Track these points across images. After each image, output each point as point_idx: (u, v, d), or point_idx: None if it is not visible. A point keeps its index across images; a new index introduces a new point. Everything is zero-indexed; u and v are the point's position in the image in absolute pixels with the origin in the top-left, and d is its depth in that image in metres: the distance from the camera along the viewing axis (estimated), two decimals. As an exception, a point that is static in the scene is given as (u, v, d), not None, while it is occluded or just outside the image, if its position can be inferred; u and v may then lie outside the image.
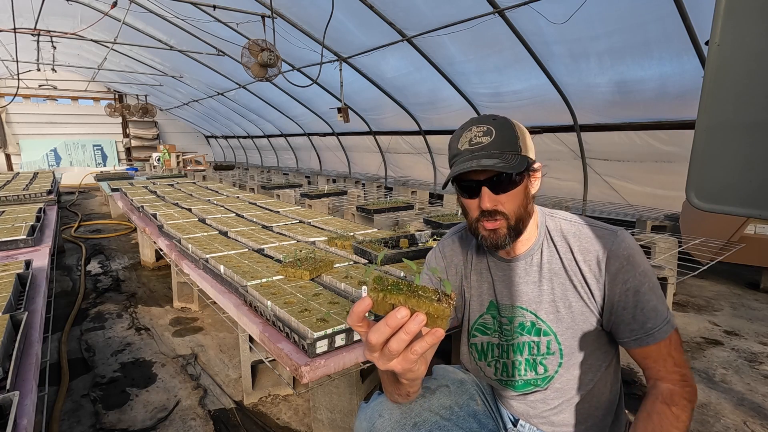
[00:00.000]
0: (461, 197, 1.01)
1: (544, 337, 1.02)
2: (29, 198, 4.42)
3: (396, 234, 2.58)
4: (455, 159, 0.98)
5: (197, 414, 1.97)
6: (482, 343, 1.12)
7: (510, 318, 1.06)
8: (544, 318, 1.02)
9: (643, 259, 0.97)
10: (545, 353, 1.03)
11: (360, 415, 1.05)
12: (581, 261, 0.99)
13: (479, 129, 0.96)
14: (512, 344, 1.06)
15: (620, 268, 0.95)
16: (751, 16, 0.49)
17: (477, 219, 0.98)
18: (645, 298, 0.94)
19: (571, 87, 4.76)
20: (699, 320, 2.92)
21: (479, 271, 1.11)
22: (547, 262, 1.02)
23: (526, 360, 1.05)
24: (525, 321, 1.04)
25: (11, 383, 1.17)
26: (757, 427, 1.84)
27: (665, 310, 0.96)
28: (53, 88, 13.14)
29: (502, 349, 1.08)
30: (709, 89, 0.53)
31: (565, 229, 1.03)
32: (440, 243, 1.19)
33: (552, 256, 1.02)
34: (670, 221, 3.98)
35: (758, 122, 0.49)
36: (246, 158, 14.81)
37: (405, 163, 8.14)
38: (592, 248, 0.98)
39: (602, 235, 0.99)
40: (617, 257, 0.96)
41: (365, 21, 5.27)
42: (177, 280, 3.12)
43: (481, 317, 1.11)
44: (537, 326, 1.03)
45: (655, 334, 0.94)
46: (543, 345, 1.02)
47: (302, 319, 1.44)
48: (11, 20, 5.31)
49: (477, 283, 1.11)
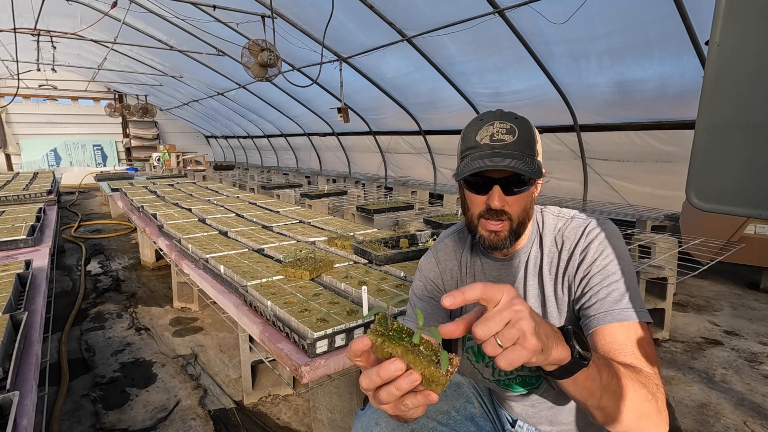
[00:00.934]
0: (467, 191, 0.97)
1: None
2: (29, 198, 4.42)
3: (396, 234, 2.58)
4: (471, 152, 0.94)
5: (197, 414, 1.97)
6: (478, 345, 1.11)
7: None
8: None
9: (618, 245, 0.95)
10: None
11: (356, 423, 1.02)
12: (564, 255, 0.99)
13: (502, 126, 0.93)
14: None
15: (592, 249, 0.95)
16: (751, 16, 0.49)
17: (479, 216, 0.96)
18: (613, 278, 0.91)
19: (571, 87, 4.76)
20: (699, 320, 2.92)
21: (473, 273, 1.10)
22: (534, 259, 1.02)
23: None
24: None
25: (11, 383, 1.17)
26: (757, 427, 1.84)
27: (635, 298, 0.90)
28: (53, 88, 13.13)
29: None
30: (709, 89, 0.53)
31: (553, 225, 1.03)
32: (433, 248, 1.17)
33: (539, 254, 1.02)
34: (670, 221, 3.98)
35: (758, 122, 0.49)
36: (246, 158, 14.81)
37: (405, 163, 8.14)
38: (573, 238, 0.98)
39: (583, 225, 0.99)
40: (591, 241, 0.96)
41: (365, 21, 5.27)
42: (177, 280, 3.12)
43: None
44: None
45: (614, 313, 0.88)
46: None
47: (302, 319, 1.44)
48: (11, 20, 5.30)
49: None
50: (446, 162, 7.16)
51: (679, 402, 2.02)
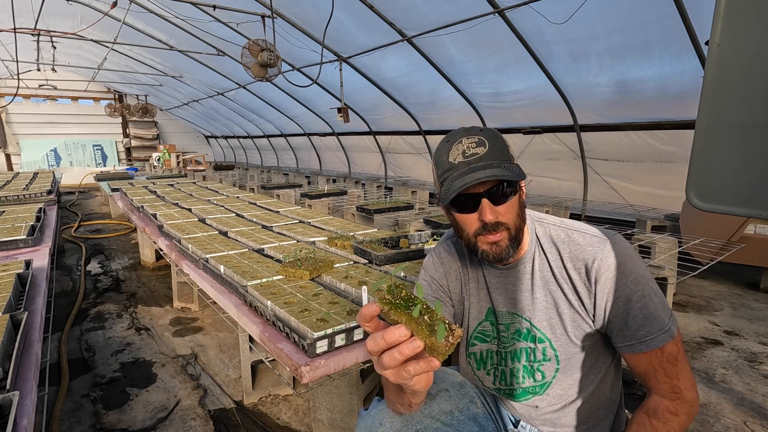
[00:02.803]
0: (456, 213, 0.96)
1: (539, 344, 1.02)
2: (29, 198, 4.42)
3: (396, 234, 2.58)
4: (449, 173, 0.93)
5: (197, 414, 1.97)
6: (481, 351, 1.11)
7: (507, 325, 1.06)
8: (538, 325, 1.01)
9: (635, 265, 0.94)
10: (542, 359, 1.02)
11: (360, 424, 1.03)
12: (571, 269, 0.98)
13: (470, 140, 0.93)
14: (510, 351, 1.06)
15: (609, 278, 0.94)
16: (751, 16, 0.49)
17: (475, 234, 0.95)
18: (637, 306, 0.92)
19: (571, 87, 4.76)
20: (699, 320, 2.92)
21: (476, 279, 1.10)
22: (539, 270, 1.02)
23: (524, 367, 1.05)
24: (521, 328, 1.04)
25: (11, 383, 1.17)
26: (757, 427, 1.84)
27: (664, 317, 0.92)
28: (53, 88, 13.14)
29: (500, 356, 1.08)
30: (709, 89, 0.53)
31: (554, 235, 1.02)
32: (435, 249, 1.17)
33: (543, 264, 1.01)
34: (670, 221, 3.98)
35: (758, 122, 0.49)
36: (246, 158, 14.81)
37: (405, 163, 8.14)
38: (582, 256, 0.97)
39: (592, 242, 0.97)
40: (607, 268, 0.94)
41: (365, 21, 5.27)
42: (177, 280, 3.12)
43: (480, 324, 1.10)
44: (532, 333, 1.02)
45: (647, 342, 0.91)
46: (539, 351, 1.02)
47: (302, 319, 1.44)
48: (11, 20, 5.30)
49: (475, 290, 1.11)
50: (446, 162, 7.16)
51: (679, 402, 2.02)
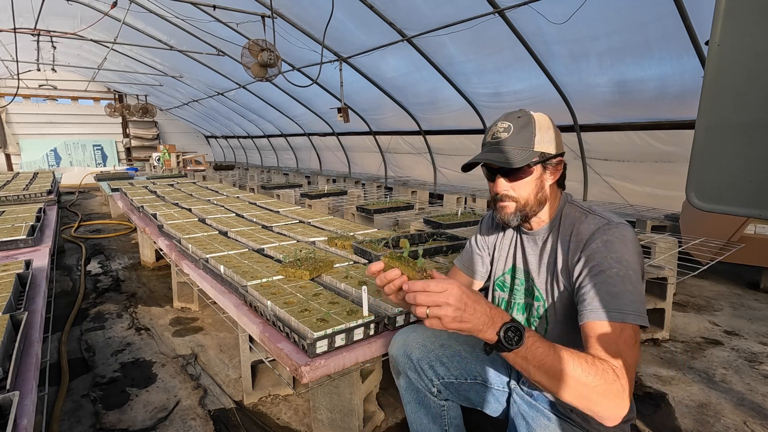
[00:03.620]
0: (488, 181, 1.20)
1: (536, 302, 1.19)
2: (29, 198, 4.42)
3: (396, 234, 2.58)
4: (482, 148, 1.16)
5: (197, 414, 1.97)
6: (500, 298, 1.34)
7: (521, 281, 1.25)
8: (539, 286, 1.18)
9: (625, 249, 0.99)
10: (536, 316, 1.20)
11: (396, 336, 1.38)
12: (573, 242, 1.09)
13: (503, 125, 1.12)
14: (517, 303, 1.26)
15: (596, 249, 1.02)
16: (751, 16, 0.49)
17: (493, 198, 1.18)
18: (609, 281, 0.96)
19: (571, 87, 4.76)
20: (699, 320, 2.92)
21: (511, 238, 1.30)
22: (551, 240, 1.16)
23: (525, 321, 1.24)
24: (528, 285, 1.22)
25: (11, 383, 1.17)
26: (757, 427, 1.84)
27: (630, 302, 0.92)
28: (53, 88, 13.14)
29: (509, 306, 1.29)
30: (709, 89, 0.53)
31: (574, 216, 1.14)
32: (481, 221, 1.43)
33: (555, 236, 1.15)
34: (670, 221, 3.98)
35: (758, 122, 0.49)
36: (246, 158, 14.81)
37: (405, 163, 8.14)
38: (585, 231, 1.08)
39: (598, 222, 1.08)
40: (597, 240, 1.03)
41: (365, 21, 5.27)
42: (177, 280, 3.12)
43: (503, 275, 1.31)
44: (533, 291, 1.20)
45: (599, 312, 0.94)
46: (534, 308, 1.20)
47: (302, 319, 1.44)
48: (11, 20, 5.30)
49: (507, 247, 1.31)
50: (446, 162, 7.16)
51: (679, 402, 2.02)
